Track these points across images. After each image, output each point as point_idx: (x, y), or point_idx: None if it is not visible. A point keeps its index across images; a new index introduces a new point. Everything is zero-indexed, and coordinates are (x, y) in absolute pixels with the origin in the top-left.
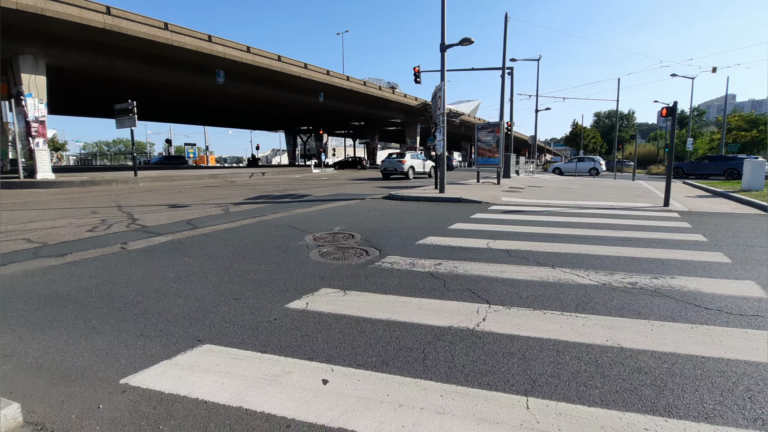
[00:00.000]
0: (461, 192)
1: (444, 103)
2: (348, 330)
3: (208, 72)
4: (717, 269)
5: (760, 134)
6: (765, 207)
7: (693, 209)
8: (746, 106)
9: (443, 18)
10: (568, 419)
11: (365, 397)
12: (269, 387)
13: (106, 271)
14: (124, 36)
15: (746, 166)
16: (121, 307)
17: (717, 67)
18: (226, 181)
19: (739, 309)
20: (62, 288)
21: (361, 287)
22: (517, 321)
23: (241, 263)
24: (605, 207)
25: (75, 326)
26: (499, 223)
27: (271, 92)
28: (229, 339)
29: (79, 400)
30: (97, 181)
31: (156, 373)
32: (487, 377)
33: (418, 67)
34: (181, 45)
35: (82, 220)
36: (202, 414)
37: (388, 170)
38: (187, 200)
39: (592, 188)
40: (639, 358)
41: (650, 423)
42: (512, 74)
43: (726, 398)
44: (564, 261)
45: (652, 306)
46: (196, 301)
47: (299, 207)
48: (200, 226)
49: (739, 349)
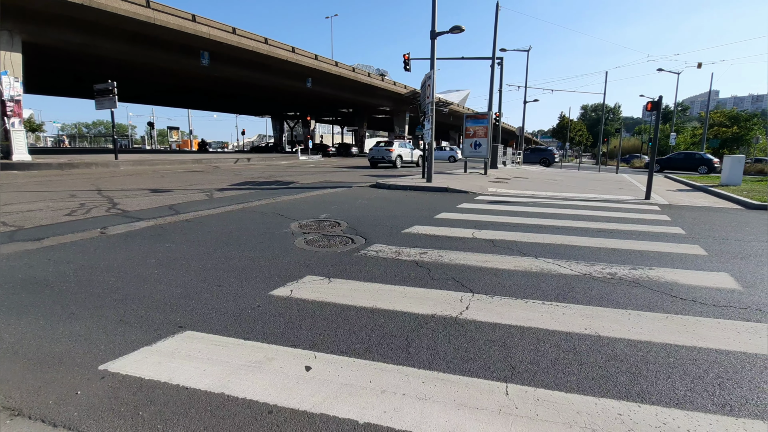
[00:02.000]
0: (448, 182)
1: (433, 91)
2: (332, 317)
3: (193, 53)
4: (693, 261)
5: (741, 131)
6: (741, 201)
7: (673, 203)
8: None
9: (434, 4)
10: (545, 405)
11: (348, 383)
12: (252, 374)
13: (85, 256)
14: (103, 12)
15: (726, 161)
16: (101, 292)
17: (702, 63)
18: (211, 167)
19: (713, 300)
20: (39, 273)
21: (346, 275)
22: (499, 310)
23: (225, 250)
24: (589, 199)
25: (52, 312)
26: (484, 213)
27: (258, 76)
28: (212, 326)
29: (56, 386)
30: (75, 164)
31: (136, 359)
32: (469, 364)
33: (408, 55)
34: (164, 24)
35: (60, 204)
36: (183, 400)
37: (376, 159)
38: (169, 185)
39: (576, 180)
40: (615, 346)
41: (624, 408)
42: (502, 65)
43: (697, 385)
44: (547, 251)
45: (630, 296)
46: (177, 288)
47: (285, 194)
48: (183, 211)
49: (711, 338)
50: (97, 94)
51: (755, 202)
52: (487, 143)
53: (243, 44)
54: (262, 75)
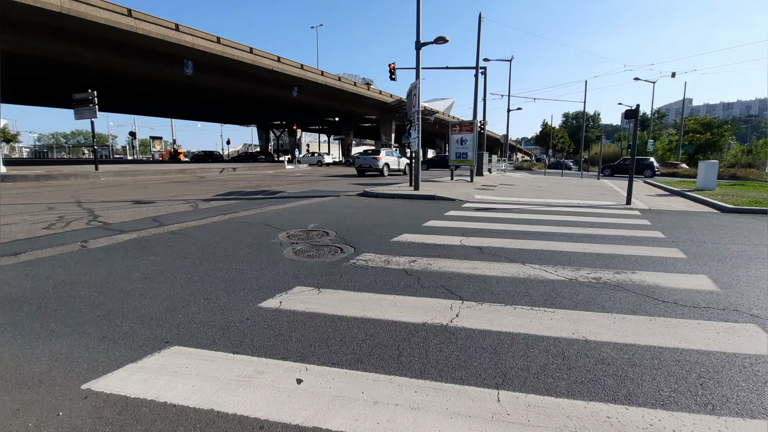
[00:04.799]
0: (435, 189)
1: (419, 100)
2: (322, 328)
3: (176, 62)
4: (673, 264)
5: (714, 137)
6: (716, 205)
7: (653, 207)
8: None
9: (418, 16)
10: (536, 410)
11: (340, 395)
12: (242, 388)
13: (64, 271)
14: (84, 21)
15: (700, 166)
16: (82, 308)
17: (676, 73)
18: (195, 177)
19: (693, 301)
20: (16, 289)
21: (336, 285)
22: (489, 316)
23: (212, 262)
24: (572, 205)
25: (31, 329)
26: (472, 220)
27: (243, 85)
28: (200, 340)
29: (36, 408)
30: (53, 175)
31: (120, 377)
32: (460, 372)
33: (394, 64)
34: (146, 33)
35: (38, 217)
36: (171, 418)
37: (363, 167)
38: (153, 196)
39: (560, 187)
40: (602, 349)
41: (612, 411)
42: (485, 74)
43: (680, 386)
44: (534, 257)
45: (615, 300)
46: (163, 302)
47: (272, 204)
48: (167, 223)
49: (693, 339)
50: (76, 104)
51: (729, 206)
52: (473, 151)
53: (228, 54)
54: (247, 84)
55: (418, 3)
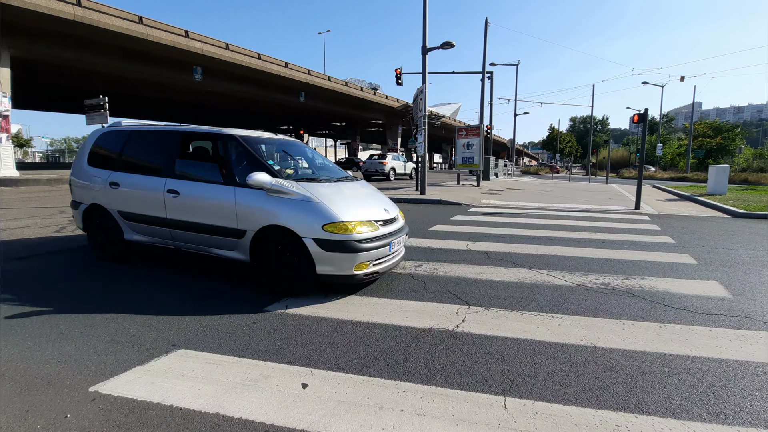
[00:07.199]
0: (442, 194)
1: (425, 105)
2: (328, 333)
3: (185, 68)
4: (684, 270)
5: (724, 141)
6: (728, 210)
7: (662, 212)
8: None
9: (425, 21)
10: (544, 418)
11: (345, 400)
12: (247, 392)
13: (75, 273)
14: (95, 29)
15: (711, 171)
16: (91, 311)
17: (685, 76)
18: None
19: (704, 308)
20: (27, 292)
21: (342, 289)
22: (495, 322)
23: (220, 264)
24: (580, 210)
25: (41, 332)
26: (478, 225)
27: (251, 91)
28: (206, 343)
29: (45, 410)
30: (65, 180)
31: (128, 379)
32: (467, 378)
33: (400, 69)
34: (157, 40)
35: (49, 220)
36: (177, 421)
37: (369, 171)
38: None
39: (567, 191)
40: (611, 356)
41: (621, 420)
42: (492, 78)
43: (692, 394)
44: (541, 262)
45: (624, 306)
46: (170, 305)
47: None
48: None
49: (704, 347)
50: (87, 109)
51: (741, 211)
52: (479, 155)
53: (236, 59)
54: (255, 90)
55: (424, 9)
